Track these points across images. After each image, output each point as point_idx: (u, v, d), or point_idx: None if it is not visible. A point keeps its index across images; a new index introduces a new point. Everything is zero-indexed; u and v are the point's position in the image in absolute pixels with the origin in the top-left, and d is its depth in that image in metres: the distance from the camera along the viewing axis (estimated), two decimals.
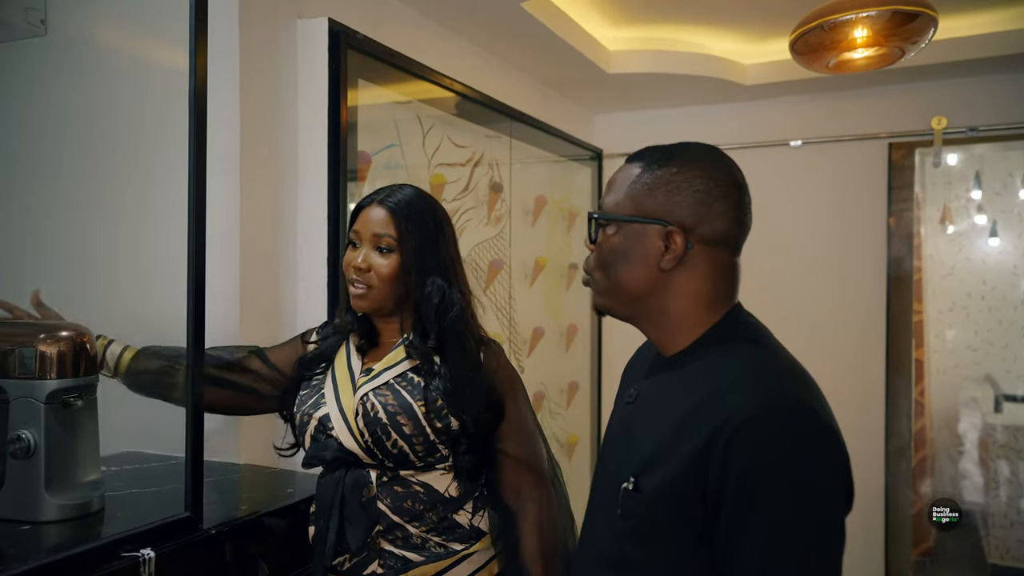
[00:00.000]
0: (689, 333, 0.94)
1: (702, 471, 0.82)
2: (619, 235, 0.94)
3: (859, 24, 1.99)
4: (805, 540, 0.79)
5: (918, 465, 3.73)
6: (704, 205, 0.91)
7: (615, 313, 1.00)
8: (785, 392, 0.85)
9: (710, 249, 0.92)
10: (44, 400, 1.23)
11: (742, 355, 0.91)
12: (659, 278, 0.93)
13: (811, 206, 3.32)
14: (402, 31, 2.18)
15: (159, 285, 1.68)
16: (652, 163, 0.94)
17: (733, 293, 0.97)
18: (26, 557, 1.05)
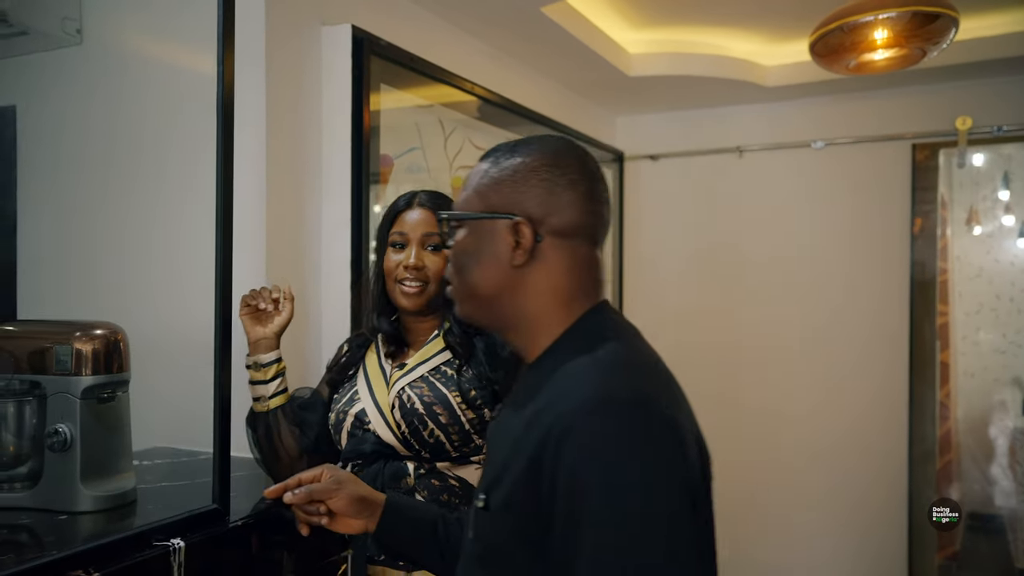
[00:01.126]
0: (548, 335, 0.88)
1: (536, 482, 0.76)
2: (470, 235, 0.90)
3: (879, 25, 1.99)
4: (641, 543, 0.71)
5: (943, 469, 3.69)
6: (551, 195, 0.86)
7: (479, 321, 0.94)
8: (622, 385, 0.77)
9: (564, 242, 0.87)
10: (80, 396, 1.28)
11: (591, 354, 0.82)
12: (513, 276, 0.87)
13: (833, 207, 3.31)
14: (423, 36, 2.21)
15: (187, 286, 1.73)
16: (499, 157, 0.90)
17: (595, 289, 0.91)
18: (63, 545, 1.10)
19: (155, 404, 1.50)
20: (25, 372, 1.32)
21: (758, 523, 3.44)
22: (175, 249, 1.80)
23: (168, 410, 1.60)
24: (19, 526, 1.22)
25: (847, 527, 3.26)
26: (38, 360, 1.31)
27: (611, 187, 3.53)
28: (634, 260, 3.62)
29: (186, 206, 1.78)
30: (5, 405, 1.31)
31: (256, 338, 1.42)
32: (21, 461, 1.31)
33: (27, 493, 1.29)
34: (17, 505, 1.28)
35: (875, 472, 3.21)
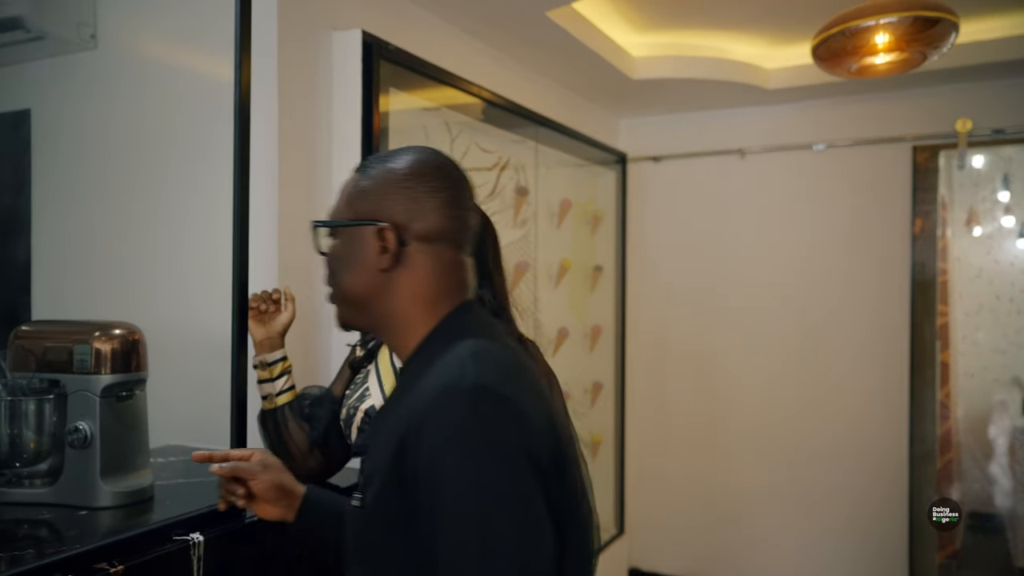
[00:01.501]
0: (415, 335, 0.93)
1: (401, 475, 0.80)
2: (341, 242, 0.95)
3: (880, 30, 2.02)
4: (491, 534, 0.75)
5: (944, 468, 3.72)
6: (414, 202, 0.91)
7: (354, 323, 0.99)
8: (466, 375, 0.80)
9: (428, 246, 0.91)
10: (99, 394, 1.31)
11: (449, 349, 0.86)
12: (381, 280, 0.92)
13: (834, 209, 3.34)
14: (430, 39, 2.24)
15: (198, 286, 1.76)
16: (367, 168, 0.95)
17: (460, 290, 0.95)
18: (86, 539, 1.13)
19: (166, 402, 1.53)
20: (45, 371, 1.35)
21: (759, 522, 3.47)
22: (186, 249, 1.83)
23: (179, 408, 1.63)
24: (41, 521, 1.24)
25: (848, 526, 3.29)
26: (58, 359, 1.34)
27: (614, 188, 3.56)
28: (636, 260, 3.65)
29: (197, 207, 1.81)
30: (26, 403, 1.33)
31: (260, 338, 1.46)
32: (42, 458, 1.34)
33: (48, 489, 1.32)
34: (39, 501, 1.31)
35: (876, 471, 3.24)
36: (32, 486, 1.34)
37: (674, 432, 3.64)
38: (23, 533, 1.20)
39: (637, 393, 3.65)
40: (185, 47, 1.84)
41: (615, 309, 3.55)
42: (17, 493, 1.33)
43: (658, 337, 3.65)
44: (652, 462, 3.66)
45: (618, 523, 3.56)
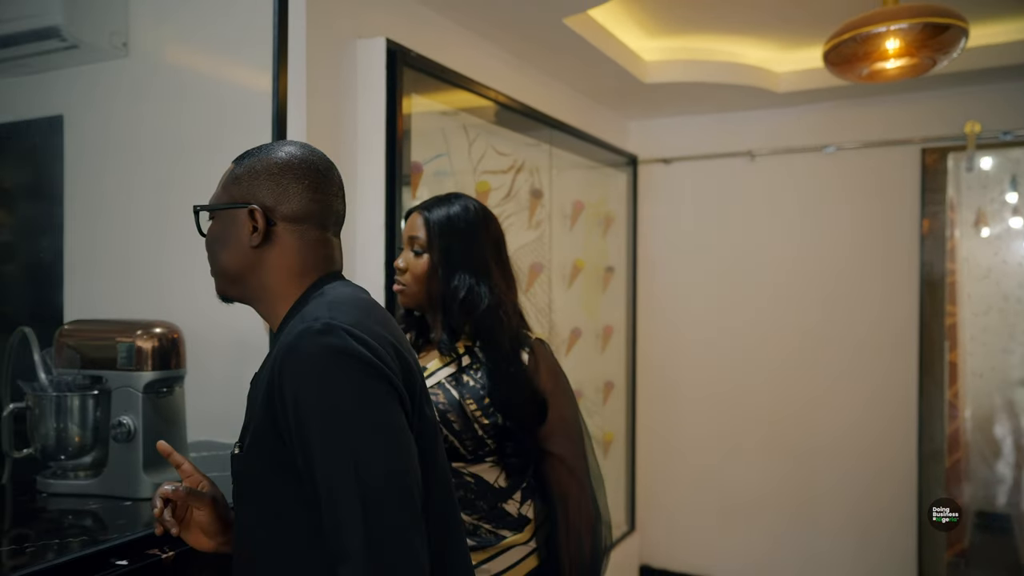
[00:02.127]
0: (285, 304, 1.03)
1: (271, 413, 0.89)
2: (217, 223, 1.05)
3: (891, 36, 2.06)
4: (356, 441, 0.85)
5: (952, 468, 3.75)
6: (280, 187, 1.01)
7: (231, 296, 1.08)
8: (318, 318, 0.90)
9: (295, 226, 1.02)
10: (142, 390, 1.37)
11: (306, 308, 0.97)
12: (253, 256, 1.02)
13: (843, 210, 3.38)
14: (449, 45, 2.30)
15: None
16: (242, 159, 1.06)
17: (324, 265, 1.05)
18: (134, 528, 1.19)
19: (197, 399, 1.58)
20: (90, 368, 1.41)
21: (769, 520, 3.51)
22: None
23: (209, 404, 1.68)
24: (90, 511, 1.30)
25: (857, 524, 3.32)
26: (102, 356, 1.40)
27: (624, 189, 3.60)
28: (647, 261, 3.69)
29: None
30: (71, 399, 1.39)
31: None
32: (86, 451, 1.40)
33: (93, 481, 1.38)
34: (85, 492, 1.37)
35: (885, 470, 3.28)
36: (76, 478, 1.41)
37: (685, 430, 3.68)
38: (75, 522, 1.26)
39: (648, 392, 3.70)
40: (213, 55, 1.90)
41: (626, 309, 3.60)
42: (63, 484, 1.39)
43: (668, 337, 3.69)
44: (663, 460, 3.71)
45: (629, 520, 3.60)
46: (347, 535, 0.82)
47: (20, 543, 1.13)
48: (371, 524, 0.82)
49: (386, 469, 0.85)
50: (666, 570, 3.70)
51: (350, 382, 0.87)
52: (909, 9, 2.02)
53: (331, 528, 0.84)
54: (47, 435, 1.39)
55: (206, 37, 1.90)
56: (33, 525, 1.26)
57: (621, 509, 3.56)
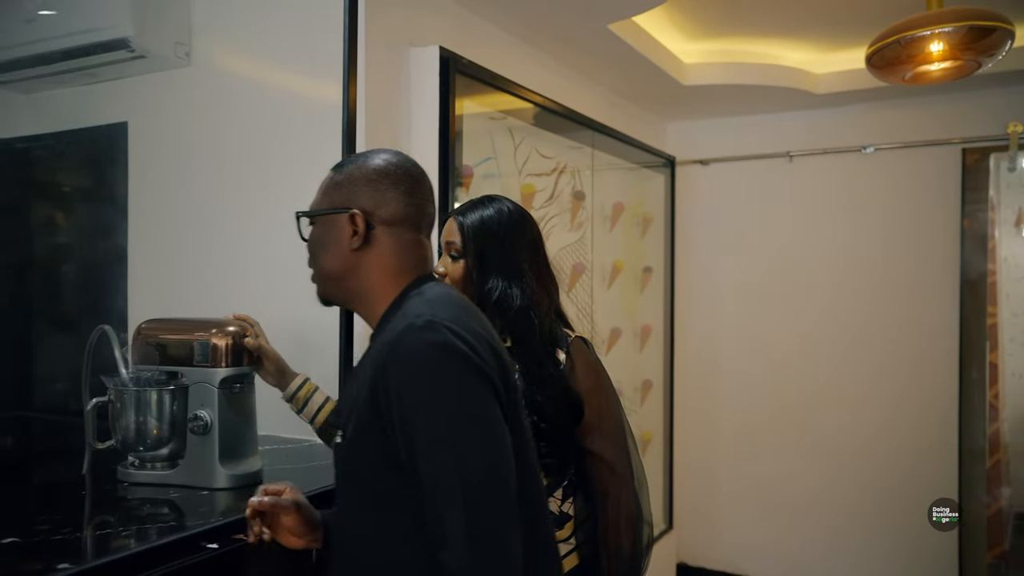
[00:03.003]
0: (383, 303, 1.07)
1: (375, 405, 0.95)
2: (318, 228, 1.11)
3: (936, 39, 2.07)
4: (456, 435, 0.90)
5: (993, 468, 3.73)
6: (379, 192, 1.07)
7: (332, 298, 1.14)
8: (420, 315, 0.95)
9: (392, 229, 1.07)
10: (217, 385, 1.44)
11: (406, 306, 1.02)
12: (352, 259, 1.07)
13: (883, 210, 3.38)
14: (496, 52, 2.35)
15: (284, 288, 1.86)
16: (340, 166, 1.12)
17: (421, 266, 1.10)
18: (215, 515, 1.26)
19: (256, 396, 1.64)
20: (167, 364, 1.48)
21: (807, 519, 3.52)
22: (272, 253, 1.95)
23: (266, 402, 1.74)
24: (171, 500, 1.38)
25: (897, 525, 3.32)
26: (180, 353, 1.47)
27: (662, 191, 3.63)
28: (685, 261, 3.72)
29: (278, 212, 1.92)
30: (151, 393, 1.47)
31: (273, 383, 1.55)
32: (163, 443, 1.47)
33: (171, 471, 1.45)
34: (164, 482, 1.45)
35: (925, 471, 3.27)
36: (155, 468, 1.48)
37: (722, 429, 3.70)
38: (158, 510, 1.33)
39: (685, 391, 3.73)
40: (271, 63, 1.97)
41: (664, 309, 3.63)
42: (143, 475, 1.47)
43: (706, 336, 3.72)
44: (700, 459, 3.73)
45: (667, 518, 3.64)
46: (448, 523, 0.87)
47: (116, 527, 1.21)
48: (471, 512, 0.87)
49: (486, 461, 0.90)
50: (703, 568, 3.72)
51: (452, 377, 0.92)
52: (954, 13, 2.02)
53: (433, 516, 0.89)
54: (128, 428, 1.46)
55: (265, 46, 1.98)
56: (119, 512, 1.34)
57: (659, 507, 3.60)
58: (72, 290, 2.34)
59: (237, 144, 2.00)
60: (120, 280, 2.17)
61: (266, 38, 1.96)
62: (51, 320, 2.35)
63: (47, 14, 2.00)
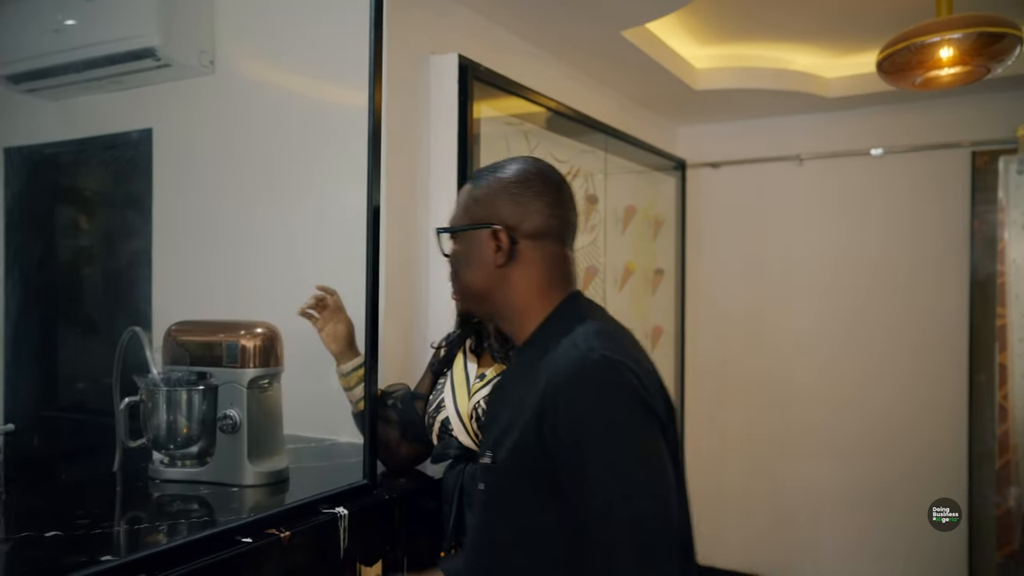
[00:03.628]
0: (532, 320, 1.06)
1: (539, 433, 0.94)
2: (460, 244, 1.10)
3: (945, 45, 2.10)
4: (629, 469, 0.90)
5: (1002, 469, 3.74)
6: (520, 205, 1.05)
7: (476, 313, 1.15)
8: (593, 349, 0.95)
9: (537, 243, 1.05)
10: (246, 385, 1.48)
11: (569, 331, 1.00)
12: (497, 274, 1.05)
13: (892, 213, 3.41)
14: (512, 57, 2.40)
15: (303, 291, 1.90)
16: (478, 179, 1.10)
17: (567, 280, 1.09)
18: (247, 511, 1.30)
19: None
20: (197, 364, 1.53)
21: (817, 519, 3.54)
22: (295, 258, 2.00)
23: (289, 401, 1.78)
24: (201, 496, 1.42)
25: (906, 524, 3.34)
26: (210, 354, 1.52)
27: (673, 194, 3.67)
28: (695, 264, 3.75)
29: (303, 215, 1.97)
30: (181, 393, 1.51)
31: (336, 351, 1.59)
32: (192, 441, 1.52)
33: (202, 469, 1.50)
34: (194, 479, 1.49)
35: (935, 471, 3.30)
36: (184, 466, 1.53)
37: (732, 428, 3.73)
38: (190, 506, 1.38)
39: (696, 391, 3.76)
40: (293, 70, 2.02)
41: (675, 310, 3.66)
42: (174, 472, 1.52)
43: (716, 338, 3.75)
44: (709, 458, 3.76)
45: None
46: (617, 559, 0.87)
47: (152, 522, 1.25)
48: (639, 552, 0.88)
49: (656, 503, 0.90)
50: (712, 567, 3.75)
51: (627, 416, 0.92)
52: (964, 19, 2.05)
53: (598, 550, 0.89)
54: (159, 426, 1.51)
55: (288, 55, 2.02)
56: (153, 508, 1.39)
57: None
58: (98, 293, 2.40)
59: (259, 150, 2.05)
60: (145, 283, 2.22)
61: (289, 47, 2.01)
62: (78, 322, 2.41)
63: (74, 24, 2.05)
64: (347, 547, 1.33)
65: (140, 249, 2.23)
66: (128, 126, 2.25)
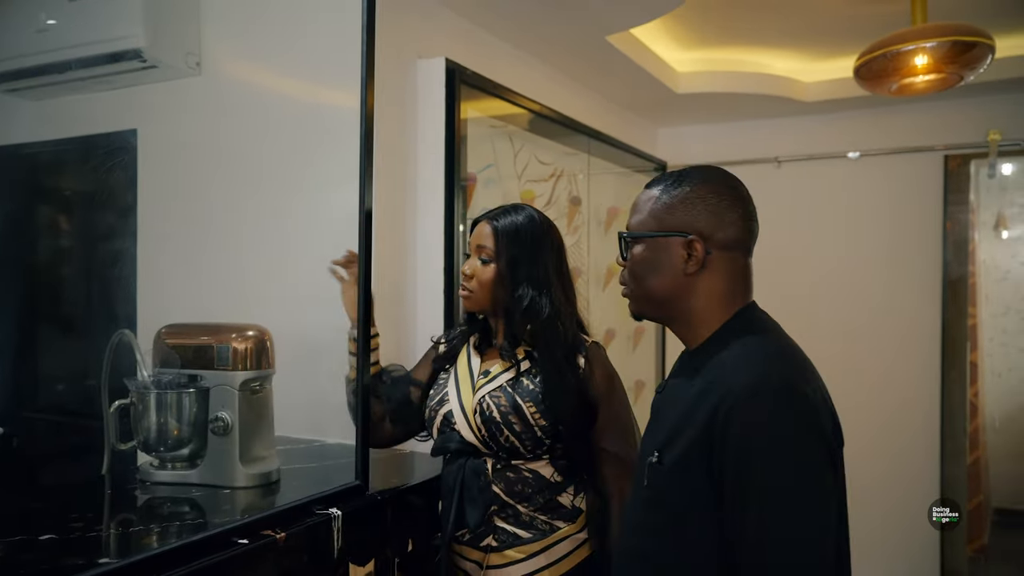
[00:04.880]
0: (708, 328, 1.07)
1: (707, 445, 0.96)
2: (646, 249, 1.09)
3: (920, 53, 2.16)
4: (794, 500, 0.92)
5: (972, 465, 3.84)
6: (716, 216, 1.05)
7: (649, 316, 1.15)
8: (773, 374, 0.96)
9: (726, 253, 1.06)
10: (237, 388, 1.49)
11: (746, 343, 1.02)
12: (684, 282, 1.06)
13: (868, 214, 3.48)
14: (498, 61, 2.42)
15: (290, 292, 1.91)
16: (669, 186, 1.09)
17: (748, 291, 1.10)
18: (240, 512, 1.31)
19: None
20: (188, 367, 1.53)
21: None
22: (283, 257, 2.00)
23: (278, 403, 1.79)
24: (194, 498, 1.43)
25: (881, 520, 3.42)
26: (202, 357, 1.52)
27: None
28: None
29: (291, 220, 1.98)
30: (170, 396, 1.51)
31: (355, 316, 1.59)
32: (183, 444, 1.52)
33: (193, 471, 1.50)
34: (184, 481, 1.49)
35: (909, 467, 3.38)
36: (175, 468, 1.53)
37: None
38: (182, 508, 1.38)
39: None
40: (281, 73, 2.02)
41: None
42: (164, 474, 1.51)
43: None
44: None
45: None
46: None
47: (147, 524, 1.26)
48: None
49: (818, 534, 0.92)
50: None
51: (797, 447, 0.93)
52: (938, 28, 2.12)
53: (746, 571, 0.93)
54: (149, 429, 1.50)
55: (275, 57, 2.02)
56: (146, 510, 1.39)
57: None
58: (80, 294, 2.38)
59: (247, 151, 2.04)
60: (128, 285, 2.21)
61: (276, 49, 2.01)
62: (59, 324, 2.39)
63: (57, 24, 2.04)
64: (340, 547, 1.35)
65: (125, 250, 2.21)
66: (113, 127, 2.23)
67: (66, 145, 2.32)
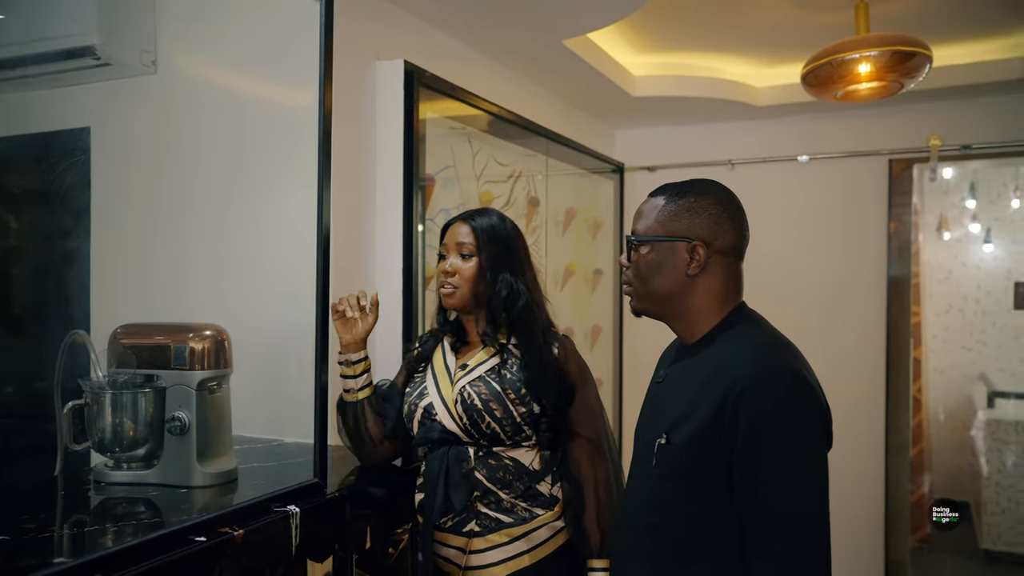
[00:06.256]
0: (706, 324, 1.21)
1: (718, 424, 1.09)
2: (652, 252, 1.22)
3: (863, 61, 2.26)
4: (799, 473, 1.08)
5: (916, 458, 3.99)
6: (716, 224, 1.20)
7: (650, 314, 1.29)
8: (778, 360, 1.12)
9: (723, 258, 1.21)
10: (195, 387, 1.49)
11: (744, 335, 1.18)
12: (686, 283, 1.20)
13: (816, 216, 3.59)
14: (457, 63, 2.45)
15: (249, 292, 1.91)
16: (674, 195, 1.23)
17: (740, 292, 1.26)
18: (197, 511, 1.32)
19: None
20: (145, 367, 1.53)
21: None
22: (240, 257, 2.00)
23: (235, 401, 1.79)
24: (152, 498, 1.43)
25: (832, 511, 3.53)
26: (158, 356, 1.52)
27: (611, 196, 3.78)
28: None
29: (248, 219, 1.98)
30: (125, 396, 1.51)
31: (347, 342, 1.63)
32: (139, 444, 1.51)
33: (150, 471, 1.50)
34: (141, 481, 1.49)
35: (855, 461, 3.49)
36: (131, 468, 1.52)
37: None
38: (139, 508, 1.38)
39: (633, 388, 3.88)
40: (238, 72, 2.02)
41: (613, 310, 3.77)
42: (119, 475, 1.51)
43: (653, 337, 3.85)
44: None
45: None
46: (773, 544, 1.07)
47: (102, 524, 1.26)
48: (795, 542, 1.07)
49: (817, 501, 1.10)
50: None
51: (802, 424, 1.09)
52: (879, 38, 2.21)
53: (758, 533, 1.08)
54: (104, 429, 1.50)
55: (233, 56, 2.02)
56: (101, 510, 1.38)
57: None
58: (34, 295, 2.33)
59: (202, 150, 2.03)
60: (79, 284, 2.18)
61: (233, 49, 2.00)
62: (11, 326, 2.34)
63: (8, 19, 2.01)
64: (298, 544, 1.36)
65: (78, 250, 2.18)
66: (66, 124, 2.20)
67: (17, 142, 2.28)
